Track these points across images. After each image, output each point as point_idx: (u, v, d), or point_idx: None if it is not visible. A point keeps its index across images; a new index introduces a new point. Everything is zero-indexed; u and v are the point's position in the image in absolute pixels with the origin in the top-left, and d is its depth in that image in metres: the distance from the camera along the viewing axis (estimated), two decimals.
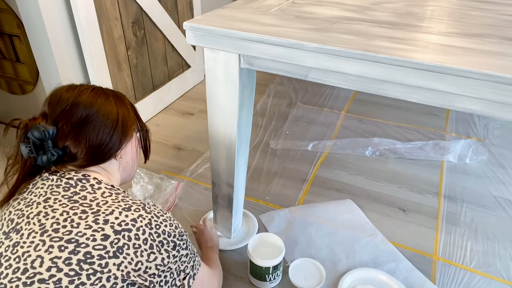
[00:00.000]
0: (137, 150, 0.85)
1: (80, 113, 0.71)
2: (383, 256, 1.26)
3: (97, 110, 0.72)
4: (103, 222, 0.63)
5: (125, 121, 0.77)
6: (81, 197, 0.67)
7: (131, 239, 0.63)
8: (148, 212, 0.68)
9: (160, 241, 0.67)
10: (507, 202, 1.52)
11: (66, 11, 1.51)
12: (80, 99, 0.72)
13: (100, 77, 1.67)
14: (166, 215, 0.71)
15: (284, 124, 2.03)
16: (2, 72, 1.82)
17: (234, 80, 0.93)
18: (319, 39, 0.80)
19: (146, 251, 0.64)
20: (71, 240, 0.61)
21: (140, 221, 0.66)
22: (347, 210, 1.46)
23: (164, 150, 1.82)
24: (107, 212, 0.65)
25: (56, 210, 0.65)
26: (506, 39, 0.84)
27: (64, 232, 0.61)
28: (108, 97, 0.76)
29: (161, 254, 0.67)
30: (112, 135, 0.74)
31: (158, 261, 0.66)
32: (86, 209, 0.65)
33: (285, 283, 1.18)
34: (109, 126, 0.73)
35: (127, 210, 0.66)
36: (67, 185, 0.69)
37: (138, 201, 0.70)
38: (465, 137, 1.93)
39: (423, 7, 1.10)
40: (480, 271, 1.23)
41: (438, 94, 0.74)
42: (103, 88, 0.78)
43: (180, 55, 2.24)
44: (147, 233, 0.66)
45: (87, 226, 0.62)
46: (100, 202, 0.67)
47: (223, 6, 1.03)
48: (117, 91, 0.81)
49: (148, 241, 0.65)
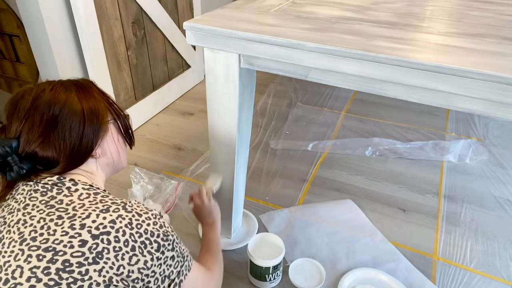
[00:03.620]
0: (119, 140, 0.77)
1: (40, 118, 0.65)
2: (383, 256, 1.26)
3: (59, 111, 0.66)
4: (80, 227, 0.60)
5: (95, 115, 0.70)
6: (58, 202, 0.63)
7: (110, 242, 0.60)
8: (128, 211, 0.64)
9: (142, 242, 0.62)
10: (507, 202, 1.52)
11: (66, 11, 1.51)
12: (38, 103, 0.66)
13: (100, 77, 1.67)
14: (150, 213, 0.66)
15: (284, 124, 2.03)
16: (2, 72, 1.82)
17: (234, 80, 0.93)
18: (319, 39, 0.80)
19: (128, 254, 0.61)
20: (49, 248, 0.58)
21: (120, 222, 0.62)
22: (347, 210, 1.46)
23: (164, 150, 1.82)
24: (83, 216, 0.61)
25: (34, 217, 0.62)
26: (506, 39, 0.84)
27: (41, 240, 0.59)
28: (70, 93, 0.68)
29: (144, 256, 0.62)
30: (82, 134, 0.68)
31: (141, 264, 0.62)
32: (62, 214, 0.61)
33: (285, 283, 1.18)
34: (76, 126, 0.67)
35: (105, 211, 0.62)
36: (44, 189, 0.65)
37: (118, 200, 0.66)
38: (465, 137, 1.93)
39: (423, 7, 1.10)
40: (480, 271, 1.23)
41: (438, 94, 0.74)
42: (63, 83, 0.71)
43: (180, 55, 2.24)
44: (128, 234, 0.61)
45: (63, 233, 0.59)
46: (77, 205, 0.63)
47: (223, 6, 1.03)
48: (81, 80, 0.74)
49: (129, 242, 0.61)
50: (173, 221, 1.40)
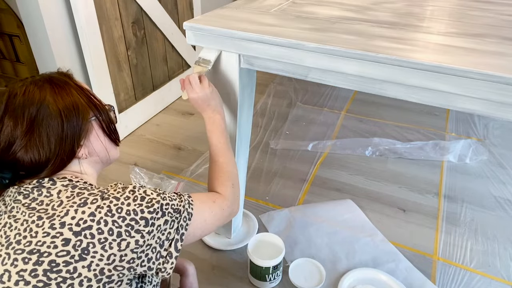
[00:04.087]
0: (103, 137, 0.73)
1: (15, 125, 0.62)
2: (383, 256, 1.26)
3: (35, 115, 0.62)
4: (60, 225, 0.58)
5: (74, 115, 0.66)
6: (38, 203, 0.62)
7: (94, 236, 0.58)
8: (105, 198, 0.62)
9: (128, 224, 0.60)
10: (507, 202, 1.52)
11: (66, 11, 1.51)
12: (10, 108, 0.62)
13: (100, 77, 1.67)
14: (127, 191, 0.63)
15: (284, 124, 2.03)
16: (2, 72, 1.82)
17: (234, 80, 0.93)
18: (319, 39, 0.80)
19: (115, 241, 0.59)
20: (33, 251, 0.57)
21: (99, 213, 0.60)
22: (347, 210, 1.46)
23: (164, 150, 1.82)
24: (61, 214, 0.60)
25: (18, 220, 0.61)
26: (506, 39, 0.84)
27: (25, 243, 0.58)
28: (44, 93, 0.64)
29: (133, 238, 0.60)
30: (62, 137, 0.65)
31: (132, 245, 0.60)
32: (42, 214, 0.60)
33: (285, 283, 1.17)
34: (54, 130, 0.64)
35: (83, 205, 0.60)
36: (26, 191, 0.63)
37: (95, 190, 0.63)
38: (465, 137, 1.93)
39: (423, 7, 1.10)
40: (480, 271, 1.23)
41: (438, 94, 0.74)
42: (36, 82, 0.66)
43: (180, 55, 2.24)
44: (110, 222, 0.60)
45: (44, 234, 0.58)
46: (55, 204, 0.61)
47: (223, 6, 1.03)
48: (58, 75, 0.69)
49: (114, 230, 0.59)
50: None
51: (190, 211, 0.70)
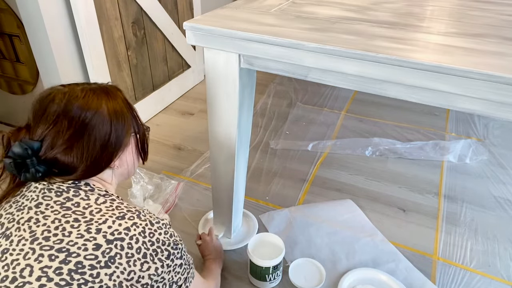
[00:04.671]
0: (135, 154, 0.79)
1: (69, 125, 0.65)
2: (383, 256, 1.26)
3: (89, 120, 0.66)
4: (96, 231, 0.61)
5: (121, 128, 0.71)
6: (74, 204, 0.64)
7: (123, 248, 0.61)
8: (142, 220, 0.66)
9: (154, 250, 0.65)
10: (507, 202, 1.52)
11: (66, 11, 1.51)
12: (69, 109, 0.66)
13: (100, 77, 1.67)
14: (161, 223, 0.68)
15: (284, 124, 2.03)
16: (2, 72, 1.82)
17: (234, 80, 0.93)
18: (319, 39, 0.80)
19: (140, 260, 0.63)
20: (62, 249, 0.59)
21: (134, 230, 0.64)
22: (347, 210, 1.46)
23: (164, 150, 1.82)
24: (100, 221, 0.63)
25: (47, 217, 0.62)
26: (506, 39, 0.84)
27: (55, 240, 0.60)
28: (101, 102, 0.68)
29: (154, 264, 0.64)
30: (106, 146, 0.69)
31: (152, 271, 0.64)
32: (79, 217, 0.62)
33: (285, 283, 1.17)
34: (102, 137, 0.68)
35: (121, 218, 0.64)
36: (59, 190, 0.65)
37: (133, 209, 0.68)
38: (465, 137, 1.93)
39: (423, 7, 1.10)
40: (480, 271, 1.23)
41: (438, 94, 0.74)
42: (95, 91, 0.70)
43: (180, 55, 2.24)
44: (141, 241, 0.63)
45: (79, 235, 0.60)
46: (94, 210, 0.64)
47: (223, 6, 1.03)
48: (111, 88, 0.74)
49: (142, 250, 0.63)
50: (173, 221, 1.40)
51: (194, 272, 0.78)
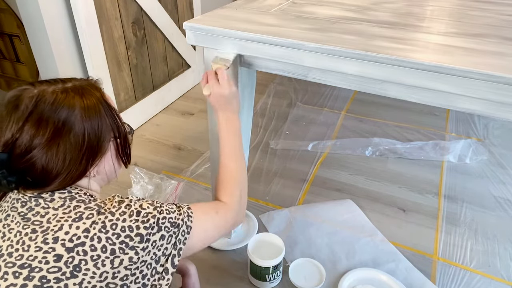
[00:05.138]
0: (116, 158, 0.72)
1: (36, 133, 0.59)
2: (383, 256, 1.26)
3: (60, 127, 0.60)
4: (53, 241, 0.57)
5: (97, 137, 0.64)
6: (34, 214, 0.59)
7: (86, 253, 0.57)
8: (101, 213, 0.60)
9: (122, 241, 0.59)
10: (507, 202, 1.52)
11: (66, 11, 1.51)
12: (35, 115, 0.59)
13: (100, 77, 1.66)
14: (123, 205, 0.62)
15: (284, 124, 2.03)
16: (2, 72, 1.82)
17: (234, 80, 0.93)
18: (319, 39, 0.80)
19: (108, 259, 0.57)
20: (24, 265, 0.55)
21: (93, 229, 0.58)
22: (347, 210, 1.46)
23: (164, 150, 1.82)
24: (56, 228, 0.58)
25: (12, 230, 0.59)
26: (506, 39, 0.84)
27: (17, 256, 0.56)
28: (73, 106, 0.61)
29: (126, 254, 0.59)
30: (81, 156, 0.62)
31: (126, 262, 0.59)
32: (36, 227, 0.58)
33: (285, 283, 1.17)
34: (74, 149, 0.61)
35: (78, 220, 0.59)
36: (24, 199, 0.61)
37: (93, 204, 0.62)
38: (465, 137, 1.92)
39: (423, 7, 1.10)
40: (480, 271, 1.23)
41: (438, 94, 0.74)
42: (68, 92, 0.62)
43: (180, 55, 2.24)
44: (104, 239, 0.58)
45: (37, 248, 0.56)
46: (51, 217, 0.59)
47: (223, 6, 1.03)
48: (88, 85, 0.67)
49: (107, 247, 0.58)
50: None
51: (189, 224, 0.68)
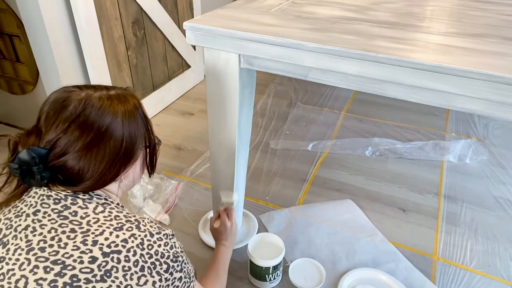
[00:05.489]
0: (142, 166, 0.76)
1: (81, 135, 0.63)
2: (383, 256, 1.26)
3: (103, 132, 0.64)
4: (92, 243, 0.59)
5: (132, 144, 0.68)
6: (71, 213, 0.62)
7: (120, 261, 0.59)
8: (141, 231, 0.63)
9: (152, 263, 0.62)
10: (507, 202, 1.52)
11: (66, 11, 1.51)
12: (83, 117, 0.63)
13: (100, 77, 1.67)
14: (162, 233, 0.65)
15: (284, 124, 2.03)
16: (2, 72, 1.82)
17: (234, 80, 0.93)
18: (319, 39, 0.80)
19: (137, 274, 0.60)
20: (57, 261, 0.57)
21: (132, 241, 0.61)
22: (347, 210, 1.46)
23: (164, 150, 1.82)
24: (97, 232, 0.61)
25: (44, 226, 0.61)
26: (506, 39, 0.84)
27: (51, 252, 0.58)
28: (116, 114, 0.66)
29: (152, 277, 0.62)
30: (115, 160, 0.66)
31: (149, 285, 0.61)
32: (76, 227, 0.61)
33: (285, 283, 1.17)
34: (112, 152, 0.65)
35: (119, 229, 0.62)
36: (57, 197, 0.63)
37: (132, 218, 0.65)
38: (465, 137, 1.93)
39: (423, 7, 1.10)
40: (480, 271, 1.23)
41: (438, 94, 0.74)
42: (112, 100, 0.67)
43: (180, 55, 2.24)
44: (138, 254, 0.61)
45: (74, 247, 0.59)
46: (91, 220, 0.62)
47: (223, 6, 1.03)
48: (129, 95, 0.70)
49: (139, 263, 0.61)
50: (173, 221, 1.40)
51: (194, 285, 0.73)
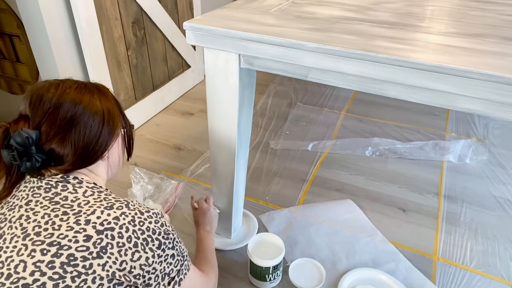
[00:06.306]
0: (122, 147, 0.81)
1: (65, 114, 0.67)
2: (383, 256, 1.26)
3: (83, 109, 0.68)
4: (85, 222, 0.62)
5: (112, 119, 0.73)
6: (62, 198, 0.65)
7: (114, 238, 0.62)
8: (131, 209, 0.66)
9: (145, 239, 0.65)
10: (507, 202, 1.52)
11: (66, 11, 1.51)
12: (64, 98, 0.68)
13: (100, 77, 1.67)
14: (151, 212, 0.68)
15: (284, 124, 2.03)
16: (2, 72, 1.82)
17: (234, 80, 0.93)
18: (319, 39, 0.80)
19: (131, 250, 0.63)
20: (53, 243, 0.60)
21: (123, 219, 0.64)
22: (347, 210, 1.46)
23: (164, 150, 1.82)
24: (88, 212, 0.63)
25: (37, 213, 0.63)
26: (506, 39, 0.84)
27: (46, 235, 0.61)
28: (93, 94, 0.71)
29: (145, 253, 0.65)
30: (99, 135, 0.71)
31: (143, 261, 0.64)
32: (67, 210, 0.63)
33: (285, 283, 1.17)
34: (96, 127, 0.70)
35: (109, 208, 0.65)
36: (48, 186, 0.67)
37: (121, 199, 0.69)
38: (465, 137, 1.93)
39: (423, 7, 1.10)
40: (480, 271, 1.23)
41: (438, 94, 0.74)
42: (85, 84, 0.73)
43: (180, 55, 2.24)
44: (131, 230, 0.64)
45: (68, 228, 0.61)
46: (82, 202, 0.65)
47: (223, 6, 1.03)
48: (100, 85, 0.76)
49: (132, 239, 0.63)
50: (173, 221, 1.40)
51: (189, 264, 0.76)
